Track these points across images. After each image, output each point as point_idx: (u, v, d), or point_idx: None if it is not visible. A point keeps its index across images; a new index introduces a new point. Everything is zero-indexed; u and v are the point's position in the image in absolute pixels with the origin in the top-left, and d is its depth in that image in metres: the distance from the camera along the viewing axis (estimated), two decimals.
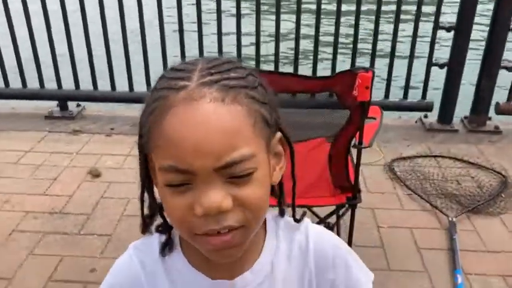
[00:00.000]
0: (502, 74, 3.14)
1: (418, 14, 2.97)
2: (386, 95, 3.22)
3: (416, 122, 3.34)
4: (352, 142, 1.73)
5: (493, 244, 2.23)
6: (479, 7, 2.97)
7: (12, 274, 2.02)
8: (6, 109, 3.47)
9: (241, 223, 0.63)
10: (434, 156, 2.93)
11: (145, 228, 0.78)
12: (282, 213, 0.79)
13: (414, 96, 3.29)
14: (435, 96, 3.29)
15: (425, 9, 3.00)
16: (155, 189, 0.72)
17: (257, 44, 3.06)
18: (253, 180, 0.62)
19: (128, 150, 2.96)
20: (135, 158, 2.15)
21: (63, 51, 3.22)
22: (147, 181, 0.71)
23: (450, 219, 2.34)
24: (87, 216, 2.38)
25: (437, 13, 2.99)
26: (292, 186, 0.78)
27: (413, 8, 3.00)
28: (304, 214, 0.80)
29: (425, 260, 2.14)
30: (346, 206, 1.87)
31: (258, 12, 2.97)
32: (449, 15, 3.28)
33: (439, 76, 3.26)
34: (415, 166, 2.83)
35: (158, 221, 0.78)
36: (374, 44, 3.06)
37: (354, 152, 1.81)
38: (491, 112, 3.24)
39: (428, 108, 3.26)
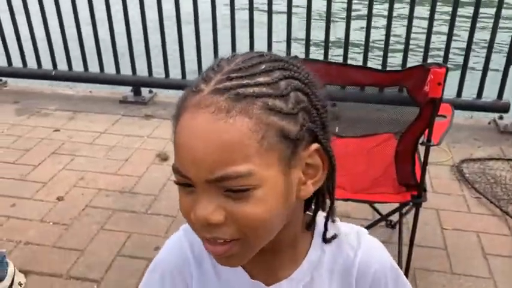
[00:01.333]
0: None
1: (501, 4, 2.82)
2: (459, 93, 3.10)
3: (489, 123, 3.19)
4: (421, 139, 1.69)
5: None
6: None
7: (84, 246, 2.16)
8: (84, 92, 3.69)
9: (234, 237, 0.61)
10: (508, 160, 2.79)
11: None
12: (325, 226, 0.74)
13: (489, 95, 3.14)
14: None
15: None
16: None
17: (326, 34, 3.05)
18: (253, 197, 0.58)
19: None
20: None
21: (139, 38, 3.37)
22: None
23: None
24: (154, 197, 2.50)
25: None
26: (331, 202, 0.73)
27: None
28: (334, 236, 0.75)
29: (492, 266, 2.05)
30: (410, 204, 1.84)
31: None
32: None
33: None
34: (486, 169, 2.71)
35: None
36: (449, 38, 2.95)
37: (421, 149, 1.78)
38: None
39: (504, 109, 3.10)
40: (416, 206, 1.74)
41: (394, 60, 3.49)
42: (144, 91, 3.58)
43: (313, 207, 0.75)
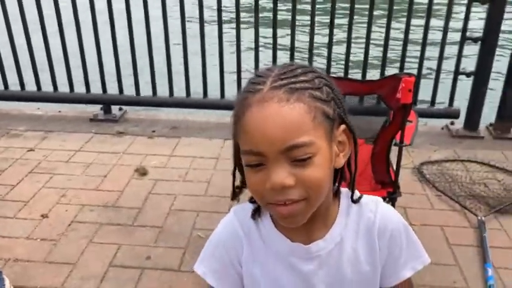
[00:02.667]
0: None
1: (446, 26, 3.13)
2: (414, 102, 3.37)
3: (442, 128, 3.48)
4: (393, 142, 1.89)
5: None
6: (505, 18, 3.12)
7: (75, 260, 2.21)
8: (53, 112, 3.70)
9: (302, 197, 0.79)
10: (462, 161, 3.06)
11: (234, 197, 0.97)
12: (352, 194, 0.94)
13: (441, 103, 3.43)
14: (461, 103, 3.43)
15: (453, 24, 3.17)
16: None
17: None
18: (313, 163, 0.78)
19: (170, 151, 3.16)
20: (177, 159, 2.43)
21: (109, 58, 3.44)
22: (238, 162, 0.89)
23: (479, 218, 2.48)
24: (138, 210, 2.57)
25: (465, 25, 3.16)
26: (354, 171, 0.93)
27: (442, 22, 3.17)
28: (361, 197, 0.95)
29: (457, 254, 2.28)
30: (386, 200, 2.03)
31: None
32: (476, 26, 3.42)
33: (465, 84, 3.41)
34: (443, 169, 2.98)
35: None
36: (403, 54, 3.23)
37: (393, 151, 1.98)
38: None
39: (455, 115, 3.41)
40: (392, 201, 1.94)
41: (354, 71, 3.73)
42: (114, 109, 3.64)
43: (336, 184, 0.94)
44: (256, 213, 0.95)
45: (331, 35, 3.22)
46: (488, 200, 2.66)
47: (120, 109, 3.66)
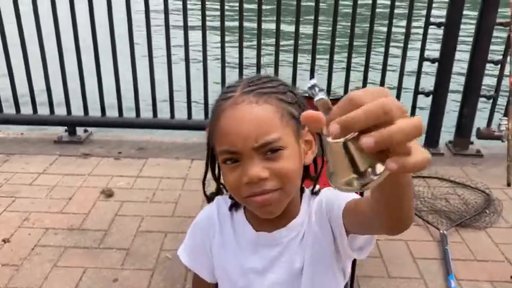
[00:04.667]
0: (482, 101, 3.44)
1: (405, 47, 3.27)
2: None
3: None
4: None
5: (480, 254, 2.44)
6: (459, 40, 3.28)
7: (38, 285, 2.14)
8: (15, 134, 3.62)
9: (276, 187, 0.88)
10: (423, 177, 3.16)
11: (209, 201, 1.10)
12: (314, 188, 1.03)
13: None
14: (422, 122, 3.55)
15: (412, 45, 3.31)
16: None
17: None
18: (283, 156, 0.88)
19: (136, 172, 3.13)
20: (144, 180, 2.43)
21: (74, 78, 3.41)
22: (211, 165, 1.01)
23: (441, 232, 2.56)
24: (104, 232, 2.53)
25: (423, 46, 3.30)
26: (320, 167, 1.02)
27: (401, 43, 3.30)
28: (320, 189, 1.03)
29: (421, 268, 2.34)
30: None
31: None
32: (433, 50, 3.57)
33: (425, 104, 3.54)
34: None
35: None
36: (365, 76, 3.34)
37: None
38: (474, 137, 3.52)
39: None
40: None
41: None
42: (79, 130, 3.59)
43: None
44: (233, 207, 1.07)
45: (295, 59, 3.30)
46: (449, 215, 2.75)
47: (85, 131, 3.62)
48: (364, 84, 3.36)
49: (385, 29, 3.25)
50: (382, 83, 3.38)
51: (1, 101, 3.50)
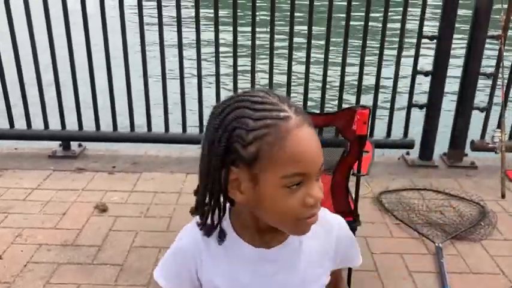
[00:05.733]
0: (475, 113, 3.46)
1: (398, 61, 3.29)
2: (371, 134, 3.49)
3: (399, 158, 3.60)
4: (351, 172, 1.95)
5: (476, 266, 2.44)
6: (452, 54, 3.31)
7: None
8: (8, 149, 3.60)
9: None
10: (418, 189, 3.17)
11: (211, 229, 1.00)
12: None
13: (396, 134, 3.56)
14: (416, 135, 3.57)
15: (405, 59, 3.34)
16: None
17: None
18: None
19: (130, 186, 3.12)
20: (139, 194, 2.42)
21: (68, 93, 3.41)
22: (221, 189, 0.91)
23: (437, 244, 2.55)
24: (98, 248, 2.51)
25: (416, 60, 3.33)
26: None
27: (394, 55, 3.33)
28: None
29: (417, 281, 2.33)
30: None
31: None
32: (427, 63, 3.59)
33: (419, 116, 3.56)
34: (401, 198, 3.06)
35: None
36: (359, 90, 3.36)
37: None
38: (468, 149, 3.53)
39: (410, 145, 3.54)
40: (352, 230, 1.97)
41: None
42: (74, 145, 3.59)
43: None
44: (210, 232, 0.98)
45: (289, 71, 3.32)
46: (444, 227, 2.74)
47: (80, 145, 3.61)
48: (358, 100, 3.37)
49: (377, 44, 3.28)
50: (375, 96, 3.40)
51: None
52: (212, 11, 3.20)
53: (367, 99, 3.60)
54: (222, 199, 0.94)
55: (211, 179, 0.91)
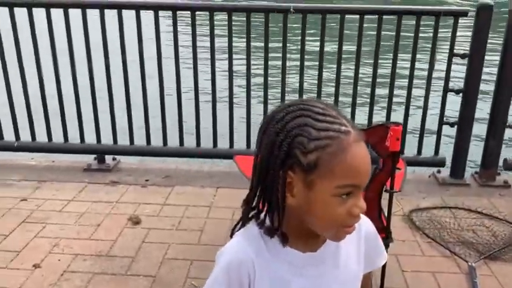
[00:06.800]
0: (509, 131, 3.42)
1: (429, 79, 3.29)
2: (401, 151, 3.47)
3: (429, 176, 3.57)
4: (384, 188, 1.96)
5: (510, 287, 2.39)
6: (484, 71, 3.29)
7: None
8: (47, 162, 3.73)
9: None
10: (450, 208, 3.13)
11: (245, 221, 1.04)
12: None
13: (427, 152, 3.54)
14: (447, 152, 3.54)
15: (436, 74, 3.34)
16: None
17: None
18: None
19: (163, 200, 3.19)
20: (171, 207, 2.48)
21: (104, 108, 3.53)
22: (277, 191, 0.94)
23: (470, 264, 2.52)
24: (131, 259, 2.57)
25: (447, 78, 3.32)
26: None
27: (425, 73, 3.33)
28: None
29: None
30: None
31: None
32: (458, 79, 3.58)
33: (450, 134, 3.54)
34: (432, 216, 3.03)
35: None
36: (389, 105, 3.37)
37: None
38: (500, 168, 3.48)
39: (441, 163, 3.51)
40: (385, 247, 1.97)
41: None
42: (108, 158, 3.68)
43: None
44: (271, 234, 1.00)
45: (319, 85, 3.36)
46: (477, 247, 2.71)
47: (114, 159, 3.70)
48: (388, 116, 3.38)
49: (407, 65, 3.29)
50: (406, 113, 3.40)
51: (34, 129, 3.62)
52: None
53: (397, 116, 3.60)
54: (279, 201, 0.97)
55: (269, 180, 0.95)
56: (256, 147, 0.99)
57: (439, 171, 3.55)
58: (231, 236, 1.04)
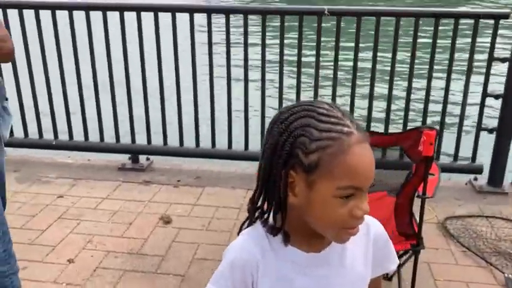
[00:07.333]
0: None
1: (467, 83, 3.20)
2: (437, 157, 3.39)
3: (466, 183, 3.47)
4: (416, 194, 1.92)
5: None
6: None
7: None
8: (83, 160, 3.83)
9: None
10: (486, 217, 3.03)
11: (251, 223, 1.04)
12: None
13: (464, 158, 3.44)
14: (485, 159, 3.43)
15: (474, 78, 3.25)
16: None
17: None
18: None
19: (194, 200, 3.22)
20: (201, 208, 2.49)
21: (139, 109, 3.60)
22: (279, 190, 0.95)
23: (506, 275, 2.43)
24: (161, 258, 2.61)
25: (486, 82, 3.22)
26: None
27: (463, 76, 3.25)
28: None
29: None
30: (408, 254, 2.03)
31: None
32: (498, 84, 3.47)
33: (489, 140, 3.43)
34: (468, 225, 2.95)
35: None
36: (425, 109, 3.30)
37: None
38: None
39: (478, 171, 3.41)
40: (415, 253, 1.93)
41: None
42: (142, 158, 3.75)
43: None
44: (274, 232, 1.01)
45: (353, 90, 3.32)
46: None
47: (148, 159, 3.77)
48: (424, 121, 3.31)
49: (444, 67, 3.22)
50: (442, 118, 3.32)
51: (72, 129, 3.73)
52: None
53: (433, 121, 3.52)
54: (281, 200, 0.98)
55: (272, 180, 0.96)
56: (262, 147, 1.00)
57: (476, 179, 3.45)
58: (238, 234, 1.06)
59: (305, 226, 0.98)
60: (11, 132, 3.76)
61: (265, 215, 1.02)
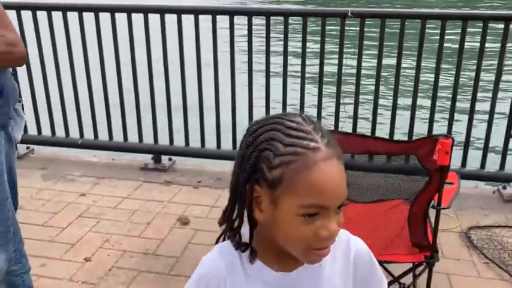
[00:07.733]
0: None
1: (496, 88, 3.08)
2: (463, 164, 3.28)
3: (494, 192, 3.34)
4: (431, 204, 1.85)
5: None
6: None
7: None
8: (107, 159, 3.89)
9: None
10: None
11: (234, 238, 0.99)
12: None
13: (492, 166, 3.32)
14: None
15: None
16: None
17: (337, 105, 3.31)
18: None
19: (213, 201, 3.22)
20: (220, 210, 2.43)
21: (162, 110, 3.63)
22: (245, 204, 0.93)
23: None
24: (176, 259, 2.62)
25: None
26: None
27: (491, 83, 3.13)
28: None
29: None
30: (423, 265, 1.96)
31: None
32: None
33: None
34: (493, 236, 2.83)
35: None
36: (451, 116, 3.19)
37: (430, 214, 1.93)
38: None
39: (507, 179, 3.27)
40: (429, 266, 1.87)
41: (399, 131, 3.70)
42: (164, 158, 3.78)
43: None
44: (252, 254, 0.98)
45: (376, 95, 3.25)
46: None
47: (170, 159, 3.80)
48: (450, 127, 3.20)
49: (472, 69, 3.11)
50: (470, 123, 3.20)
51: (97, 128, 3.80)
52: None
53: (460, 127, 3.41)
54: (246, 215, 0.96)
55: (238, 194, 0.94)
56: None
57: (504, 187, 3.32)
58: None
59: (273, 243, 0.94)
60: (39, 130, 3.89)
61: (235, 230, 0.98)
